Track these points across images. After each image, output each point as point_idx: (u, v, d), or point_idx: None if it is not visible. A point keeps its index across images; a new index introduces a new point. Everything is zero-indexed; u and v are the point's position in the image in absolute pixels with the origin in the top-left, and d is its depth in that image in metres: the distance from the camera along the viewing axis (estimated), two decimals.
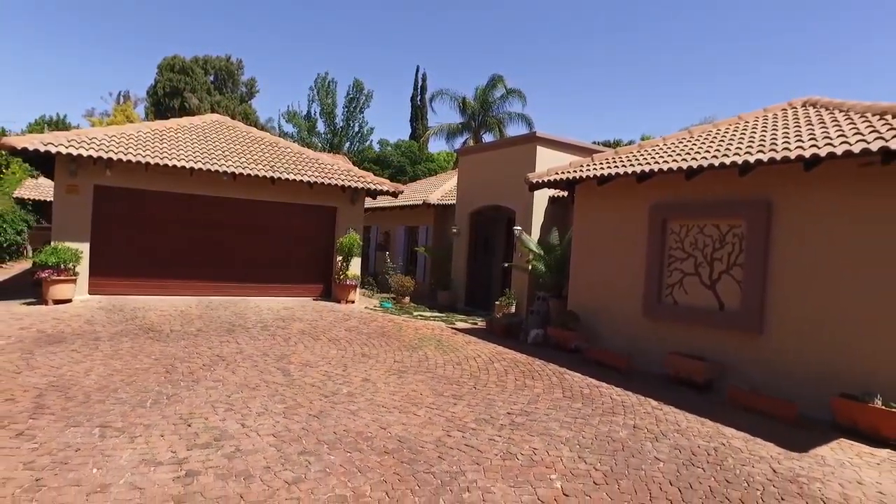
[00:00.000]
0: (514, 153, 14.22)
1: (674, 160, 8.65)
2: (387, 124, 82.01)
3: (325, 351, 8.72)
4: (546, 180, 10.67)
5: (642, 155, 9.79)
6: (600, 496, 4.48)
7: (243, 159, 13.08)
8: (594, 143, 37.35)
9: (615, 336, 9.63)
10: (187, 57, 44.75)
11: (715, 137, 9.46)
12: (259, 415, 5.75)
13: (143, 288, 12.37)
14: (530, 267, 12.26)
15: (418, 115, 42.44)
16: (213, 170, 12.08)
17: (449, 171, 29.47)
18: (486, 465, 4.89)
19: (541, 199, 13.46)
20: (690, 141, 9.81)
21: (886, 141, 6.21)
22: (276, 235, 13.88)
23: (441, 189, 19.39)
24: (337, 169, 14.48)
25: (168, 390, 6.30)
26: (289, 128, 42.71)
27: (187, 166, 11.79)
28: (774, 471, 5.24)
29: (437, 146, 45.93)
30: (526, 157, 13.48)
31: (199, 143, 13.33)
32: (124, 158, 11.25)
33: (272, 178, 12.71)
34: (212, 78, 46.45)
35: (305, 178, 13.16)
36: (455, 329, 11.60)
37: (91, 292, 11.77)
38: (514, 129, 33.06)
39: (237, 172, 12.33)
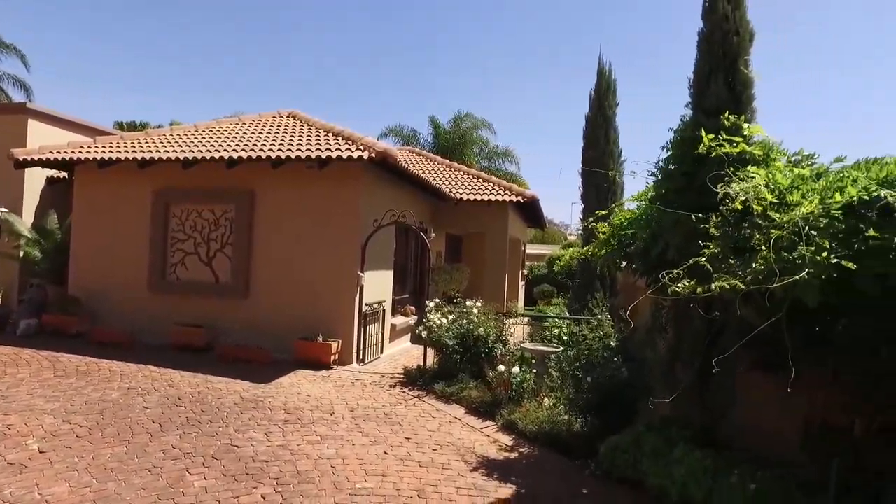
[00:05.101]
0: None
1: (174, 150, 9.52)
2: None
3: None
4: (38, 158, 9.93)
5: (147, 142, 10.29)
6: (82, 445, 5.07)
7: None
8: (118, 123, 34.44)
9: (123, 315, 9.85)
10: None
11: (216, 133, 10.77)
12: None
13: None
14: (22, 253, 11.08)
15: None
16: None
17: None
18: None
19: (37, 178, 12.19)
20: (195, 134, 10.85)
21: (322, 152, 8.67)
22: None
23: None
24: None
25: None
26: None
27: None
28: (242, 398, 6.83)
29: None
30: (13, 129, 11.91)
31: None
32: None
33: None
34: None
35: None
36: None
37: None
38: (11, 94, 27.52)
39: None
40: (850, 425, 3.66)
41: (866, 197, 3.00)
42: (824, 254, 2.85)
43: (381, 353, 10.15)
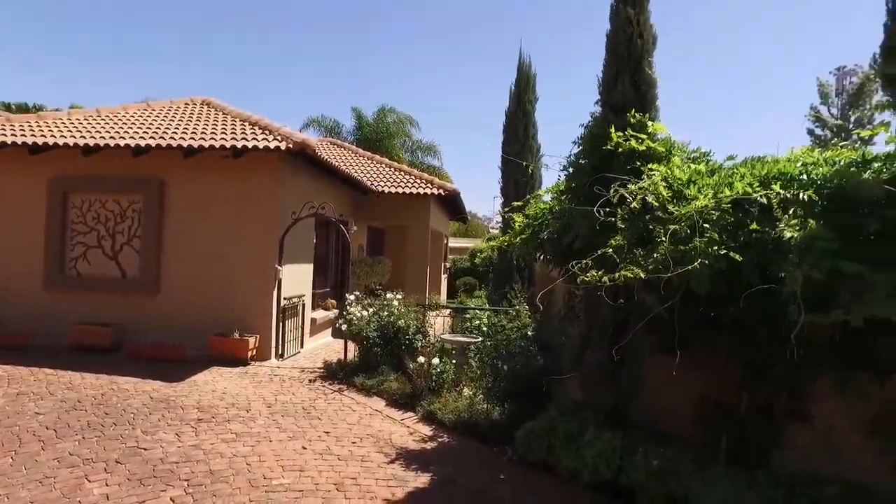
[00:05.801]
0: None
1: (72, 136, 8.86)
2: None
3: None
4: None
5: (40, 126, 9.51)
6: None
7: None
8: (4, 104, 31.44)
9: (13, 315, 9.03)
10: None
11: (122, 119, 10.11)
12: None
13: None
14: None
15: None
16: None
17: None
18: None
19: None
20: (97, 119, 10.13)
21: (237, 141, 8.37)
22: None
23: None
24: None
25: None
26: None
27: None
28: (152, 398, 6.50)
29: None
30: None
31: None
32: None
33: None
34: None
35: None
36: None
37: None
38: None
39: None
40: (739, 404, 3.99)
41: (750, 192, 3.27)
42: (715, 246, 3.08)
43: (302, 347, 9.96)
